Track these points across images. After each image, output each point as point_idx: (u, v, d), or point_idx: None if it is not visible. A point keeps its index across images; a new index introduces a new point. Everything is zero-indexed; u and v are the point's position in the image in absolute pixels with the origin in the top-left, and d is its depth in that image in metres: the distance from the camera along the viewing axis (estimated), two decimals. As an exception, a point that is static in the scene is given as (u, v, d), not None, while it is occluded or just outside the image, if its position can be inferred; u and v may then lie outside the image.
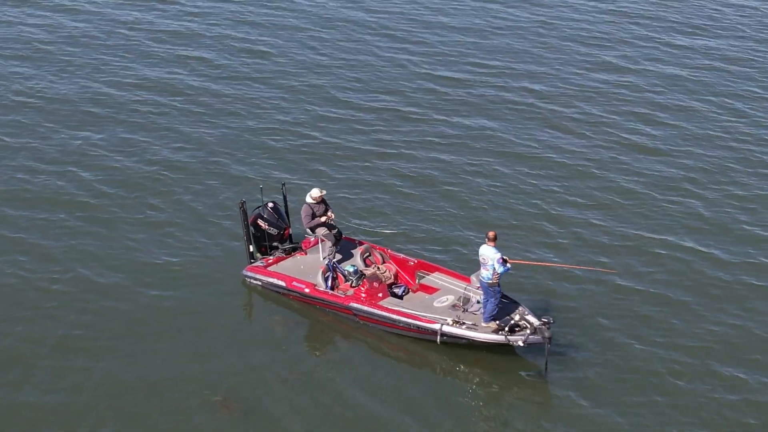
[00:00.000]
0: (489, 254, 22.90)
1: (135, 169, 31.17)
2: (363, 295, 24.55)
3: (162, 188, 30.16)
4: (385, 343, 24.18)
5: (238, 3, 43.76)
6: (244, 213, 26.03)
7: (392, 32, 41.07)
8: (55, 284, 26.02)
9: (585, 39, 40.48)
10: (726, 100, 35.23)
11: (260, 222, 26.42)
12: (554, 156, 31.88)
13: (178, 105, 35.02)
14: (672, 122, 33.93)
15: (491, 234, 23.10)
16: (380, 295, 24.73)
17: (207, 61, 38.38)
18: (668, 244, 27.38)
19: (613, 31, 41.11)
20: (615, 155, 31.83)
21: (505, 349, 23.34)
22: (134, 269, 26.49)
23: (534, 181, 30.42)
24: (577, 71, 37.61)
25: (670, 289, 25.58)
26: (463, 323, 23.31)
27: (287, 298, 25.49)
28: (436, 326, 23.27)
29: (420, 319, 23.54)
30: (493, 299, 23.12)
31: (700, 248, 27.17)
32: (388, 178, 30.67)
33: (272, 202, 26.77)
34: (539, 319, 22.82)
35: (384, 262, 25.89)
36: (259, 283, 25.85)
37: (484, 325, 23.25)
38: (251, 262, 26.34)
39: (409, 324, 23.64)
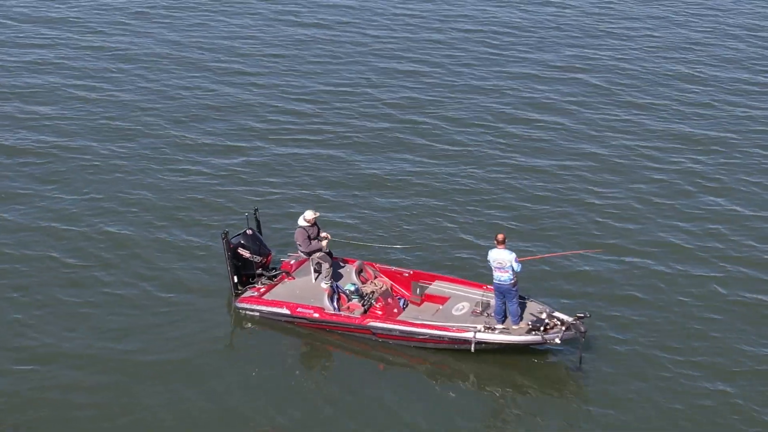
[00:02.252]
0: (504, 257, 23.07)
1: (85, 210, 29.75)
2: (379, 312, 24.11)
3: (122, 229, 28.86)
4: (404, 356, 23.89)
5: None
6: (228, 244, 25.00)
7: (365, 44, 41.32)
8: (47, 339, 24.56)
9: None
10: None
11: (242, 251, 25.45)
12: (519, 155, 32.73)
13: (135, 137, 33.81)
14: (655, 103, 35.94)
15: (500, 237, 23.28)
16: (395, 310, 24.41)
17: (158, 91, 37.20)
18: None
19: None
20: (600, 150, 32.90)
21: (529, 348, 23.60)
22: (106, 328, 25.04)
23: (507, 183, 31.01)
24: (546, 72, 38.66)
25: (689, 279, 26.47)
26: (495, 328, 23.35)
27: (291, 325, 24.64)
28: (470, 335, 23.20)
29: (451, 330, 23.40)
30: (516, 299, 23.31)
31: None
32: (354, 192, 30.51)
33: (250, 229, 25.88)
34: (574, 315, 23.14)
35: (375, 278, 25.52)
36: (257, 314, 24.93)
37: (514, 327, 23.36)
38: (237, 294, 25.32)
39: (440, 336, 23.44)
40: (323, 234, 25.17)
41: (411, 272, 25.58)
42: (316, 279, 25.45)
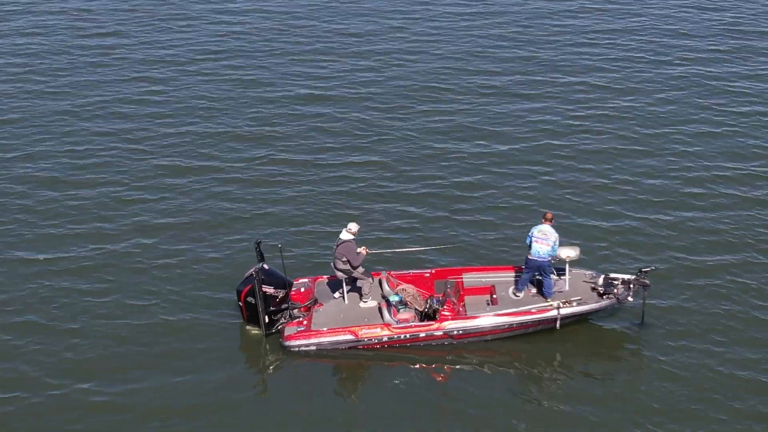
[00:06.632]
0: (551, 230, 23.15)
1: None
2: (448, 314, 22.84)
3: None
4: (476, 352, 23.00)
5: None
6: (261, 283, 22.46)
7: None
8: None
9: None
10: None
11: (266, 288, 22.88)
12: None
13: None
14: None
15: (549, 215, 23.36)
16: (461, 309, 23.25)
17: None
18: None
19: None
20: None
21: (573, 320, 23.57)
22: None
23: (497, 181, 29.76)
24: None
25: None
26: (572, 301, 23.09)
27: (355, 350, 22.78)
28: (554, 312, 22.85)
29: (536, 312, 22.90)
30: (551, 273, 23.41)
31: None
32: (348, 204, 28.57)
33: (265, 264, 23.26)
34: (637, 270, 23.44)
35: (397, 285, 24.13)
36: (313, 348, 22.70)
37: (549, 300, 23.24)
38: (269, 333, 22.88)
39: (525, 321, 22.79)
40: (360, 249, 23.25)
41: (432, 271, 24.40)
42: (346, 298, 23.50)
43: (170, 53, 38.32)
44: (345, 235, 23.02)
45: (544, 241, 22.96)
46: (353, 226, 23.10)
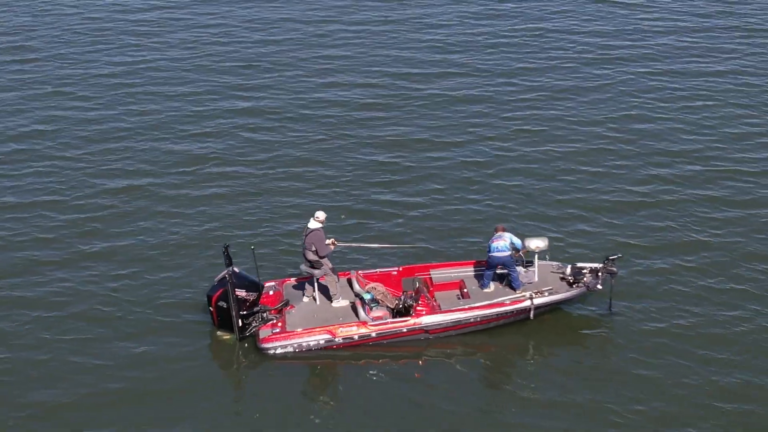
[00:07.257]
0: (505, 233, 23.42)
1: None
2: (423, 309, 22.73)
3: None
4: (451, 347, 22.91)
5: None
6: (234, 286, 22.04)
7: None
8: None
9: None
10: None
11: (238, 291, 22.51)
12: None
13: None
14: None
15: (500, 227, 23.59)
16: (434, 304, 23.14)
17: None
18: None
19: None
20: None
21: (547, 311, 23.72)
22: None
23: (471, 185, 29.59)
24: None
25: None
26: (544, 291, 23.17)
27: (331, 349, 22.53)
28: (527, 303, 22.92)
29: (509, 304, 22.97)
30: (515, 267, 23.50)
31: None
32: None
33: (235, 268, 22.78)
34: (605, 257, 23.65)
35: (366, 284, 23.95)
36: (290, 349, 22.44)
37: (519, 292, 23.36)
38: (242, 337, 22.45)
39: (499, 313, 22.83)
40: (328, 240, 23.01)
41: (399, 269, 24.27)
42: (317, 299, 23.23)
43: (94, 68, 37.55)
44: (313, 224, 22.75)
45: (500, 238, 23.19)
46: (320, 215, 22.82)
